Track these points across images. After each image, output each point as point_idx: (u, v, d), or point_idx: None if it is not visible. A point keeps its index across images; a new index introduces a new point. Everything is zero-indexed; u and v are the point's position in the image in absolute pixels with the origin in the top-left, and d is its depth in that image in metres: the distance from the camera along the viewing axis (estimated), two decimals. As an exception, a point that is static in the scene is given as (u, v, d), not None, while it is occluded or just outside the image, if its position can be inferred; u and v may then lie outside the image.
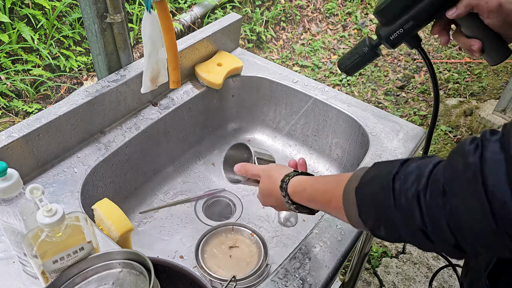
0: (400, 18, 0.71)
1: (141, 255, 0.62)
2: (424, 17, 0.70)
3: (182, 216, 1.14)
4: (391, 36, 0.74)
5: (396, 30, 0.73)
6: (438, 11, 0.69)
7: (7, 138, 0.88)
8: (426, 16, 0.70)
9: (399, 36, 0.73)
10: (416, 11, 0.70)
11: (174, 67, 0.98)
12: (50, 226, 0.58)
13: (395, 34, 0.73)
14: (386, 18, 0.73)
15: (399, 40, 0.74)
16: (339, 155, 1.27)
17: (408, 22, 0.71)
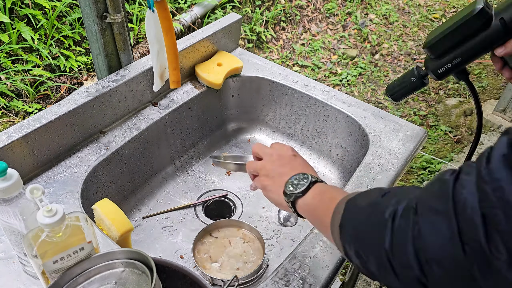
0: (448, 54, 0.73)
1: (144, 254, 0.62)
2: (472, 54, 0.72)
3: (182, 216, 1.14)
4: (439, 70, 0.76)
5: (444, 65, 0.75)
6: (486, 49, 0.71)
7: (7, 138, 0.88)
8: (474, 53, 0.72)
9: (446, 70, 0.75)
10: (465, 48, 0.72)
11: (174, 67, 0.98)
12: (50, 226, 0.58)
13: (443, 68, 0.75)
14: (435, 53, 0.75)
15: (446, 73, 0.76)
16: (339, 155, 1.27)
17: (456, 59, 0.73)
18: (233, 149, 1.35)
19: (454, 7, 4.15)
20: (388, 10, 3.83)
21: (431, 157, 2.51)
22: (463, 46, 0.72)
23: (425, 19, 3.91)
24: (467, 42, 0.71)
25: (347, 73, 3.16)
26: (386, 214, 0.48)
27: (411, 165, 2.45)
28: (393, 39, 3.58)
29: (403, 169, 1.04)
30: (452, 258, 0.40)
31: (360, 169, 1.01)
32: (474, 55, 0.72)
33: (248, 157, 0.90)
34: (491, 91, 3.08)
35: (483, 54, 0.72)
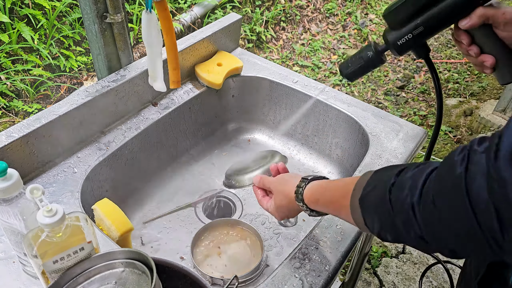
0: (410, 22, 0.68)
1: (144, 254, 0.62)
2: (435, 24, 0.67)
3: (182, 216, 1.14)
4: (398, 41, 0.70)
5: (405, 35, 0.69)
6: (450, 19, 0.66)
7: (7, 138, 0.88)
8: (437, 23, 0.67)
9: (407, 42, 0.69)
10: (427, 17, 0.66)
11: (174, 67, 0.98)
12: (50, 226, 0.58)
13: (403, 39, 0.69)
14: (395, 21, 0.69)
15: (407, 46, 0.70)
16: (339, 155, 1.27)
17: (418, 28, 0.67)
18: (233, 149, 1.35)
19: (454, 7, 4.14)
20: (388, 10, 3.83)
21: (431, 157, 2.51)
22: (426, 14, 0.66)
23: (425, 19, 3.90)
24: (429, 9, 0.65)
25: (347, 73, 3.16)
26: (404, 206, 0.51)
27: (411, 165, 2.44)
28: (393, 39, 3.58)
29: (403, 169, 1.04)
30: (473, 236, 0.45)
31: (360, 169, 1.01)
32: (438, 25, 0.67)
33: (252, 168, 0.97)
34: (491, 91, 3.07)
35: (448, 25, 0.67)
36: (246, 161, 1.02)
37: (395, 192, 0.53)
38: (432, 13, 0.66)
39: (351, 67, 0.77)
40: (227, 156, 1.32)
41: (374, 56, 0.75)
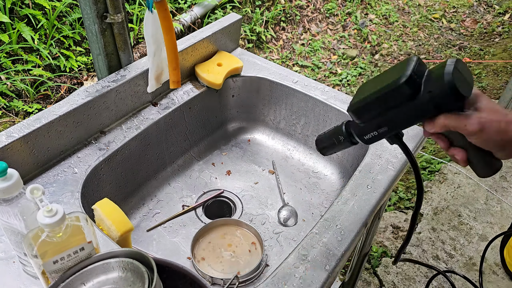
0: (373, 121, 0.66)
1: (144, 254, 0.62)
2: (399, 124, 0.64)
3: (182, 216, 1.14)
4: (365, 136, 0.68)
5: (370, 132, 0.67)
6: (414, 122, 0.63)
7: (7, 138, 0.88)
8: (401, 124, 0.64)
9: (373, 138, 0.68)
10: (390, 118, 0.64)
11: (174, 67, 0.98)
12: (50, 227, 0.58)
13: (369, 135, 0.68)
14: (360, 119, 0.67)
15: (374, 140, 0.68)
16: (339, 155, 1.27)
17: (381, 128, 0.65)
18: (233, 149, 1.35)
19: (454, 7, 4.15)
20: (388, 10, 3.83)
21: (431, 157, 2.51)
22: (389, 115, 0.63)
23: (425, 19, 3.91)
24: (392, 111, 0.62)
25: (347, 73, 3.16)
26: None
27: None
28: (393, 39, 3.58)
29: (403, 169, 1.04)
30: None
31: (360, 169, 1.01)
32: (401, 125, 0.64)
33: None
34: (491, 91, 3.08)
35: (412, 125, 0.64)
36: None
37: None
38: (396, 115, 0.63)
39: (326, 146, 0.77)
40: (227, 156, 1.32)
41: (345, 141, 0.73)
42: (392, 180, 1.00)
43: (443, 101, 0.57)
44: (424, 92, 0.58)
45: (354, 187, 0.97)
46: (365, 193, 0.95)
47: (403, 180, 2.40)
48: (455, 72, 0.56)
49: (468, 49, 3.60)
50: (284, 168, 1.30)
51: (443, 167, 2.43)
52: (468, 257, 1.98)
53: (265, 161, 1.31)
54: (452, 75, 0.55)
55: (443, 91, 0.56)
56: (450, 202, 2.23)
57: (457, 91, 0.56)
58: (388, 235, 2.07)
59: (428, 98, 0.58)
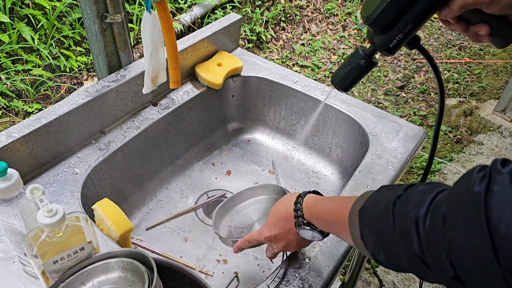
0: (397, 23, 0.66)
1: (144, 254, 0.62)
2: (422, 16, 0.65)
3: (182, 216, 1.14)
4: (390, 43, 0.67)
5: (395, 37, 0.67)
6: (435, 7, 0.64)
7: (7, 138, 0.88)
8: (424, 15, 0.65)
9: (398, 41, 0.67)
10: (412, 13, 0.64)
11: (174, 67, 0.98)
12: (50, 227, 0.58)
13: (394, 41, 0.67)
14: (382, 27, 0.66)
15: (399, 45, 0.68)
16: (339, 155, 1.27)
17: (407, 26, 0.65)
18: (233, 149, 1.35)
19: (454, 7, 4.15)
20: (388, 10, 3.83)
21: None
22: (410, 11, 0.64)
23: (425, 19, 3.91)
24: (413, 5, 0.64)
25: (347, 73, 3.16)
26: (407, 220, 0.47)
27: (411, 165, 2.45)
28: (393, 39, 3.58)
29: (403, 169, 1.04)
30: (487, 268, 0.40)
31: (360, 169, 1.01)
32: (424, 16, 0.65)
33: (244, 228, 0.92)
34: (491, 91, 3.08)
35: (433, 13, 0.65)
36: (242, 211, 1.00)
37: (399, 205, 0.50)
38: (417, 8, 0.64)
39: (345, 77, 0.75)
40: (227, 156, 1.32)
41: (365, 61, 0.73)
42: (392, 180, 1.00)
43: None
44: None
45: (354, 187, 0.97)
46: (365, 193, 0.95)
47: (403, 180, 2.40)
48: None
49: (468, 49, 3.60)
50: (284, 168, 1.30)
51: (443, 167, 2.44)
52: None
53: (265, 161, 1.31)
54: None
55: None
56: (450, 202, 2.23)
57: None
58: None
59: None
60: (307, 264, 0.80)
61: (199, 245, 1.08)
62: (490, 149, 2.57)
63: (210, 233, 1.10)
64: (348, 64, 0.74)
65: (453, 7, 0.62)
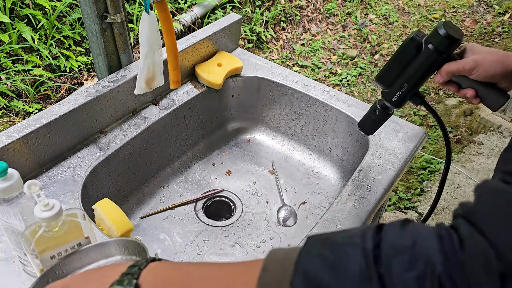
0: (395, 82, 0.80)
1: (138, 242, 0.62)
2: (416, 79, 0.78)
3: (182, 216, 1.14)
4: (392, 99, 0.82)
5: (396, 93, 0.81)
6: (426, 73, 0.78)
7: (7, 138, 0.88)
8: (417, 78, 0.78)
9: (399, 98, 0.81)
10: (407, 76, 0.78)
11: (174, 67, 0.98)
12: (47, 220, 0.58)
13: (395, 96, 0.82)
14: (385, 84, 0.82)
15: (401, 100, 0.82)
16: (339, 155, 1.27)
17: (403, 86, 0.80)
18: (233, 149, 1.35)
19: (454, 7, 4.15)
20: (388, 10, 3.83)
21: (431, 157, 2.51)
22: (405, 73, 0.78)
23: (425, 19, 3.91)
24: (408, 69, 0.78)
25: (347, 73, 3.16)
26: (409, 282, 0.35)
27: (411, 165, 2.45)
28: (393, 39, 3.58)
29: (403, 169, 1.04)
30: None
31: (360, 169, 1.01)
32: (419, 79, 0.78)
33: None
34: (491, 91, 3.07)
35: (426, 78, 0.78)
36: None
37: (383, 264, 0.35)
38: (410, 71, 0.78)
39: (367, 125, 0.94)
40: (227, 156, 1.32)
41: (381, 113, 0.89)
42: (392, 180, 1.00)
43: (442, 46, 0.73)
44: (425, 46, 0.75)
45: (354, 187, 0.97)
46: (365, 193, 0.95)
47: (403, 180, 2.40)
48: (445, 26, 0.73)
49: (468, 49, 3.60)
50: (284, 168, 1.30)
51: (443, 167, 2.43)
52: (468, 257, 1.97)
53: (265, 161, 1.31)
54: (443, 27, 0.72)
55: (440, 39, 0.73)
56: (450, 202, 2.23)
57: (450, 35, 0.72)
58: None
59: (430, 49, 0.74)
60: (307, 264, 0.80)
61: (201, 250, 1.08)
62: (490, 149, 2.57)
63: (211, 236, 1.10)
64: (368, 113, 0.92)
65: (442, 73, 0.75)
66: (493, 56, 0.72)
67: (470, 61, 0.72)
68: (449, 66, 0.74)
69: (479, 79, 0.73)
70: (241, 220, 1.15)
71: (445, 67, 0.74)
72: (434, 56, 0.74)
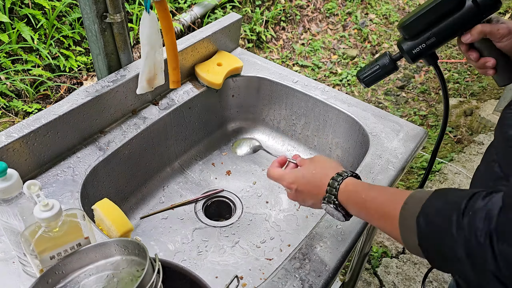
0: (423, 34, 0.77)
1: (138, 242, 0.62)
2: (446, 34, 0.75)
3: (182, 216, 1.14)
4: (413, 50, 0.78)
5: (419, 45, 0.77)
6: (457, 30, 0.75)
7: (7, 138, 0.88)
8: (448, 33, 0.75)
9: (421, 50, 0.78)
10: (438, 29, 0.75)
11: (174, 67, 0.98)
12: (47, 221, 0.58)
13: (417, 48, 0.78)
14: (411, 33, 0.78)
15: (420, 55, 0.79)
16: (339, 155, 1.27)
17: (430, 39, 0.76)
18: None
19: (454, 7, 4.14)
20: (388, 10, 3.83)
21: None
22: (438, 26, 0.75)
23: (425, 19, 3.90)
24: (442, 22, 0.74)
25: (347, 73, 3.16)
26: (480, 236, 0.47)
27: (411, 165, 2.45)
28: (393, 39, 3.58)
29: (403, 169, 1.04)
30: None
31: (360, 169, 1.01)
32: (448, 35, 0.75)
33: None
34: (491, 91, 3.07)
35: (457, 35, 0.76)
36: None
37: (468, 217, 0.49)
38: (444, 25, 0.75)
39: (369, 73, 0.85)
40: (227, 156, 1.32)
41: (390, 64, 0.84)
42: (392, 180, 1.00)
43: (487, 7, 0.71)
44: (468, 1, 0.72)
45: (354, 187, 0.96)
46: (365, 193, 0.95)
47: (403, 180, 2.39)
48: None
49: (468, 49, 3.60)
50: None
51: (443, 167, 2.43)
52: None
53: (265, 161, 1.31)
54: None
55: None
56: (450, 202, 2.23)
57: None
58: (388, 236, 2.06)
59: (473, 6, 0.72)
60: (307, 264, 0.80)
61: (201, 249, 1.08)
62: (490, 149, 2.56)
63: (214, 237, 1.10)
64: (375, 61, 0.85)
65: (473, 32, 0.74)
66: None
67: (505, 27, 0.72)
68: (483, 26, 0.73)
69: (505, 48, 0.73)
70: (241, 220, 1.15)
71: (479, 27, 0.73)
72: (475, 13, 0.72)
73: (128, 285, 0.61)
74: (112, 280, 0.62)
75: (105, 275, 0.63)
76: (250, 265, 1.04)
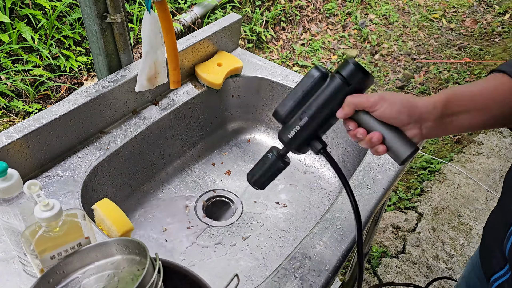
0: (294, 114, 0.70)
1: (138, 241, 0.62)
2: (317, 110, 0.69)
3: (182, 216, 1.14)
4: (288, 134, 0.71)
5: (293, 128, 0.70)
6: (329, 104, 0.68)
7: (7, 138, 0.88)
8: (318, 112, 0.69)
9: (297, 134, 0.70)
10: (308, 106, 0.69)
11: (174, 67, 0.98)
12: (47, 221, 0.58)
13: (292, 131, 0.70)
14: (282, 116, 0.71)
15: (298, 139, 0.71)
16: (339, 156, 1.27)
17: (303, 119, 0.69)
18: (233, 149, 1.35)
19: (454, 7, 4.15)
20: (388, 10, 3.83)
21: (431, 157, 2.51)
22: (306, 105, 0.69)
23: (425, 19, 3.91)
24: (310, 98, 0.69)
25: (347, 73, 3.16)
26: None
27: (411, 165, 2.45)
28: (393, 39, 3.58)
29: (403, 169, 1.04)
30: None
31: (360, 169, 1.01)
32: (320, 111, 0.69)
33: None
34: (491, 91, 3.07)
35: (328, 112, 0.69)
36: None
37: None
38: (310, 103, 0.69)
39: (257, 173, 0.76)
40: (227, 156, 1.32)
41: (276, 158, 0.74)
42: (392, 180, 1.00)
43: (352, 77, 0.67)
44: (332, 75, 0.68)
45: (354, 187, 0.97)
46: (365, 193, 0.95)
47: (403, 180, 2.40)
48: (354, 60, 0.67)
49: (468, 49, 3.60)
50: (284, 168, 1.30)
51: (443, 167, 2.44)
52: (468, 257, 1.98)
53: (265, 161, 1.31)
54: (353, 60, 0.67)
55: (351, 69, 0.66)
56: (450, 202, 2.23)
57: (362, 67, 0.67)
58: (388, 235, 2.07)
59: (339, 79, 0.67)
60: (307, 264, 0.80)
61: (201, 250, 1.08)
62: (490, 149, 2.57)
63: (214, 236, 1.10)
64: (262, 162, 0.75)
65: (344, 106, 0.67)
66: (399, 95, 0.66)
67: (375, 95, 0.66)
68: (353, 97, 0.67)
69: (384, 117, 0.65)
70: (241, 220, 1.15)
71: (349, 98, 0.67)
72: (340, 85, 0.67)
73: (129, 285, 0.61)
74: (113, 280, 0.62)
75: (106, 274, 0.63)
76: (250, 264, 1.04)
